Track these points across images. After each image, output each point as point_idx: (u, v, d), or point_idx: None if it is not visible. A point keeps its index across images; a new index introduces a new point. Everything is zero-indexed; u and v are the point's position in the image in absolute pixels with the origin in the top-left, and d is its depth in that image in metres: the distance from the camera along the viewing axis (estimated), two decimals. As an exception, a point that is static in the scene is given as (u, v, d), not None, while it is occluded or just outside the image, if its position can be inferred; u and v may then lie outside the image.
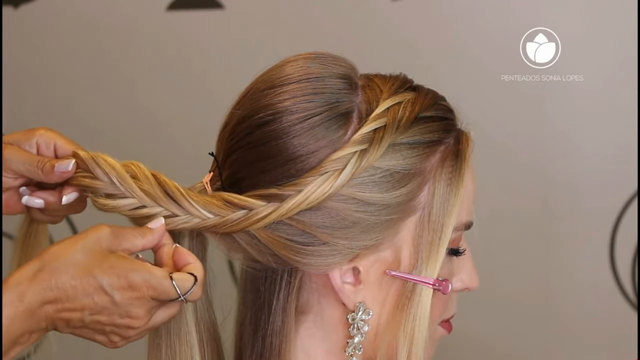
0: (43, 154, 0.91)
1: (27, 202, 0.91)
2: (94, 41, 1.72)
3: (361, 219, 0.87)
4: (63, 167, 0.89)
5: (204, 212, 0.87)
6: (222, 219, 0.86)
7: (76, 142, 0.92)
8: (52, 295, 0.80)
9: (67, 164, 0.89)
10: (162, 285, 0.83)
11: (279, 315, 0.91)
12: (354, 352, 0.90)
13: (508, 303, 1.69)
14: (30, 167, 0.89)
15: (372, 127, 0.87)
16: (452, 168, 0.89)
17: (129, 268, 0.82)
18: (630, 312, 1.67)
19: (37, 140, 0.91)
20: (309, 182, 0.85)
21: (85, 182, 0.89)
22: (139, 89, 1.73)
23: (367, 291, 0.90)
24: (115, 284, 0.82)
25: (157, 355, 0.92)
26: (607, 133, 1.65)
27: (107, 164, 0.88)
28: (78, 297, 0.81)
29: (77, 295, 0.81)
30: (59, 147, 0.91)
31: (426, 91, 0.92)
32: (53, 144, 0.91)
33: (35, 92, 1.75)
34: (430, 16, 1.65)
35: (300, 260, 0.88)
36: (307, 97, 0.87)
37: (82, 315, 0.82)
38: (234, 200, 0.86)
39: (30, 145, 0.91)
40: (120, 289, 0.82)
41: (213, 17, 1.69)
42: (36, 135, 0.91)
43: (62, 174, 0.89)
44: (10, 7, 1.72)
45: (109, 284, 0.81)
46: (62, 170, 0.89)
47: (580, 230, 1.67)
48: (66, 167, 0.89)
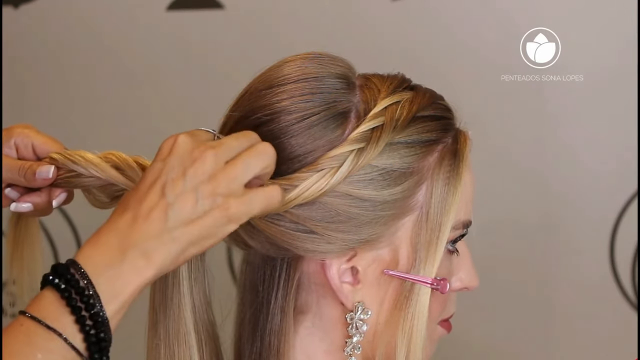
0: (22, 154, 0.91)
1: (16, 209, 0.92)
2: (94, 41, 1.72)
3: (356, 214, 0.87)
4: (44, 175, 0.89)
5: None
6: None
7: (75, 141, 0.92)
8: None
9: (47, 171, 0.89)
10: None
11: (278, 315, 0.91)
12: (352, 352, 0.90)
13: (508, 303, 1.69)
14: (12, 174, 0.90)
15: (370, 126, 0.87)
16: (450, 167, 0.89)
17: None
18: (630, 312, 1.67)
19: (14, 140, 0.91)
20: (305, 178, 0.86)
21: (73, 181, 0.89)
22: (139, 88, 1.73)
23: (365, 291, 0.90)
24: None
25: (155, 356, 0.91)
26: (607, 133, 1.64)
27: (84, 159, 0.88)
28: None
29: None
30: (36, 146, 0.91)
31: (424, 90, 0.92)
32: (30, 143, 0.91)
33: (35, 92, 1.75)
34: (430, 16, 1.65)
35: (296, 245, 0.88)
36: (305, 97, 0.87)
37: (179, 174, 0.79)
38: None
39: (9, 147, 0.91)
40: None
41: (213, 17, 1.69)
42: (13, 135, 0.91)
43: (44, 180, 0.89)
44: (10, 7, 1.72)
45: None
46: (43, 177, 0.89)
47: (580, 230, 1.67)
48: (47, 175, 0.89)
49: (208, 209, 0.78)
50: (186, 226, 0.78)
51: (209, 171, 0.79)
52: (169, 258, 0.78)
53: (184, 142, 0.80)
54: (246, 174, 0.81)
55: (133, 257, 0.76)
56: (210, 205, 0.79)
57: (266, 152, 0.82)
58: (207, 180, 0.79)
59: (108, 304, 0.75)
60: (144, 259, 0.76)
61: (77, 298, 0.74)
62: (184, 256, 0.79)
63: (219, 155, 0.80)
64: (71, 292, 0.74)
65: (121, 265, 0.76)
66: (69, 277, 0.75)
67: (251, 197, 0.81)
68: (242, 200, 0.80)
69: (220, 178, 0.79)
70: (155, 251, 0.77)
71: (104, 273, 0.75)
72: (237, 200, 0.80)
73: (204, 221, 0.78)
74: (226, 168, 0.80)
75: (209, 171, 0.79)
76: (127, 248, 0.76)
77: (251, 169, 0.81)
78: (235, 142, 0.82)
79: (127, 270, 0.76)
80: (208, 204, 0.78)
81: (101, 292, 0.75)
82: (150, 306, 0.92)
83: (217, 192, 0.79)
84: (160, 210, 0.77)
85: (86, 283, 0.74)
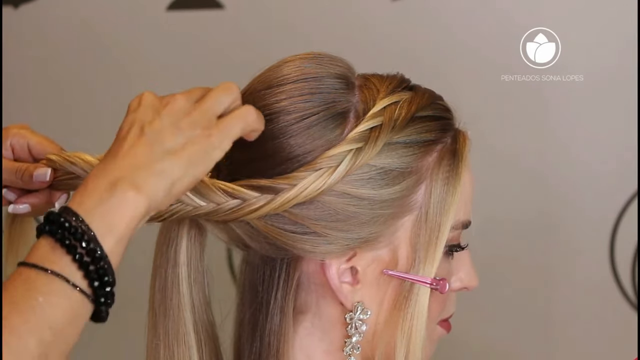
0: (18, 155, 0.92)
1: (14, 211, 0.92)
2: (93, 41, 1.72)
3: (355, 213, 0.87)
4: (41, 177, 0.89)
5: (196, 199, 0.87)
6: (216, 206, 0.86)
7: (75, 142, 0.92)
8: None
9: (44, 174, 0.90)
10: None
11: (277, 315, 0.91)
12: (352, 352, 0.90)
13: (508, 303, 1.69)
14: (9, 176, 0.90)
15: (369, 126, 0.87)
16: (449, 167, 0.89)
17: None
18: (630, 312, 1.67)
19: (10, 141, 0.91)
20: (303, 177, 0.86)
21: (71, 183, 0.89)
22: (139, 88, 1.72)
23: (365, 291, 0.90)
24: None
25: (155, 356, 0.92)
26: (607, 133, 1.64)
27: (83, 161, 0.88)
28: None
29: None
30: (32, 147, 0.92)
31: (423, 90, 0.92)
32: (26, 144, 0.91)
33: (35, 92, 1.75)
34: (429, 16, 1.65)
35: (295, 246, 0.88)
36: (304, 97, 0.87)
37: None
38: (227, 189, 0.86)
39: (5, 147, 0.91)
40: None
41: (213, 17, 1.69)
42: (9, 136, 0.92)
43: (41, 183, 0.90)
44: (10, 7, 1.72)
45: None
46: (40, 180, 0.89)
47: (580, 230, 1.67)
48: (44, 177, 0.89)
49: (190, 137, 0.79)
50: (172, 156, 0.78)
51: (182, 108, 0.81)
52: (160, 189, 0.77)
53: (150, 94, 0.82)
54: (218, 106, 0.82)
55: (122, 189, 0.75)
56: (192, 134, 0.80)
57: (231, 87, 0.84)
58: (182, 115, 0.80)
59: (104, 240, 0.74)
60: (134, 190, 0.76)
61: (70, 237, 0.74)
62: (176, 188, 0.79)
63: (187, 97, 0.82)
64: (64, 234, 0.74)
65: (111, 199, 0.75)
66: (61, 220, 0.74)
67: (226, 121, 0.82)
68: (220, 126, 0.81)
69: (194, 113, 0.81)
70: (145, 181, 0.76)
71: (95, 210, 0.75)
72: (215, 127, 0.81)
73: (189, 149, 0.79)
74: (198, 104, 0.82)
75: (183, 108, 0.81)
76: (115, 182, 0.76)
77: (221, 101, 0.83)
78: (199, 88, 0.84)
79: (117, 203, 0.75)
80: (188, 133, 0.80)
81: (95, 229, 0.74)
82: (150, 306, 0.93)
83: (195, 123, 0.80)
84: (143, 145, 0.78)
85: (78, 222, 0.74)
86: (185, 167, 0.79)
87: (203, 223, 0.90)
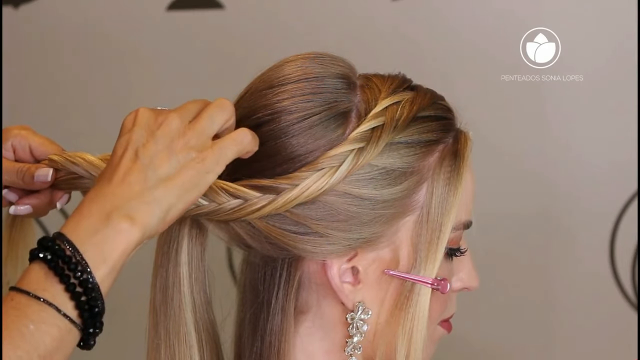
0: (19, 156, 0.91)
1: (15, 212, 0.92)
2: (94, 41, 1.72)
3: (357, 213, 0.87)
4: (42, 178, 0.89)
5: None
6: (217, 206, 0.86)
7: (75, 142, 0.92)
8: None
9: (46, 174, 0.89)
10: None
11: (278, 314, 0.91)
12: (353, 352, 0.90)
13: (508, 303, 1.69)
14: (10, 177, 0.90)
15: (370, 126, 0.87)
16: (451, 167, 0.90)
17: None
18: (630, 312, 1.67)
19: (12, 142, 0.91)
20: (305, 177, 0.86)
21: (74, 183, 0.89)
22: (139, 88, 1.73)
23: (366, 290, 0.90)
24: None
25: (156, 356, 0.92)
26: (607, 133, 1.64)
27: (85, 161, 0.88)
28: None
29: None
30: (33, 148, 0.91)
31: (425, 91, 0.92)
32: (28, 145, 0.91)
33: (35, 92, 1.75)
34: (429, 16, 1.65)
35: (296, 246, 0.88)
36: (306, 97, 0.87)
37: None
38: (229, 188, 0.86)
39: (6, 148, 0.91)
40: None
41: (213, 17, 1.69)
42: (10, 137, 0.91)
43: (43, 183, 0.89)
44: (10, 7, 1.72)
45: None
46: (42, 180, 0.89)
47: (580, 230, 1.67)
48: (45, 178, 0.89)
49: (184, 162, 0.80)
50: (166, 183, 0.79)
51: (176, 130, 0.81)
52: (154, 218, 0.78)
53: (145, 111, 0.82)
54: (212, 126, 0.82)
55: (117, 220, 0.76)
56: (185, 159, 0.80)
57: (225, 105, 0.84)
58: (176, 137, 0.80)
59: (96, 270, 0.75)
60: (128, 221, 0.76)
61: (64, 267, 0.74)
62: (170, 215, 0.79)
63: (182, 115, 0.82)
64: (58, 262, 0.74)
65: (105, 230, 0.75)
66: (55, 248, 0.74)
67: (221, 144, 0.82)
68: (214, 149, 0.81)
69: (189, 133, 0.81)
70: (138, 212, 0.77)
71: (89, 240, 0.75)
72: (210, 150, 0.81)
73: (183, 175, 0.79)
74: (192, 124, 0.82)
75: (177, 130, 0.81)
76: (110, 212, 0.76)
77: (216, 121, 0.83)
78: (193, 104, 0.84)
79: (112, 234, 0.76)
80: (183, 158, 0.80)
81: (88, 259, 0.74)
82: (151, 306, 0.93)
83: (189, 146, 0.80)
84: (137, 172, 0.78)
85: (72, 251, 0.74)
86: (179, 194, 0.79)
87: (204, 223, 0.90)
